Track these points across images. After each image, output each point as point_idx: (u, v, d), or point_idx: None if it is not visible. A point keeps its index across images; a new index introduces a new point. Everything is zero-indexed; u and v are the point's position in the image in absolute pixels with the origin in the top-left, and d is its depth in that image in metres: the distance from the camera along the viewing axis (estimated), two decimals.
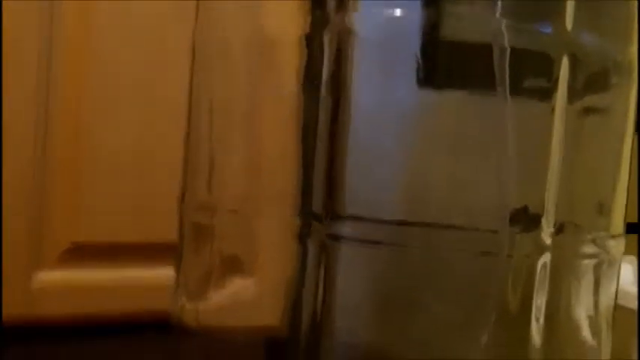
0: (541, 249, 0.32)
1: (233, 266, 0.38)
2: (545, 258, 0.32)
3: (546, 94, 0.33)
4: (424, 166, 0.34)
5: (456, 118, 0.34)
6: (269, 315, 0.36)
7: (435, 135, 0.34)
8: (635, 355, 0.61)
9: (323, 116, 0.33)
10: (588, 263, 0.37)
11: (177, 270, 0.37)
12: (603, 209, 0.38)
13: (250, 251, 0.37)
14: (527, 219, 0.32)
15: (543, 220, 0.32)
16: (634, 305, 0.59)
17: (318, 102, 0.33)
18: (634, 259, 0.68)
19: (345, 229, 0.32)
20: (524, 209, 0.32)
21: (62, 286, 0.49)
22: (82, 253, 0.50)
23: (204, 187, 0.35)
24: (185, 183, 0.36)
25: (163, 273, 0.37)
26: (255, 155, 0.36)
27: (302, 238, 0.32)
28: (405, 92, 0.34)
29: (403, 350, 0.36)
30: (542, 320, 0.32)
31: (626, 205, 0.38)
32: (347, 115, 0.34)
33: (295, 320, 0.34)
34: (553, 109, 0.33)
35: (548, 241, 0.32)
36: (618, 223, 0.38)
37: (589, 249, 0.37)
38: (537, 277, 0.32)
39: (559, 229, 0.33)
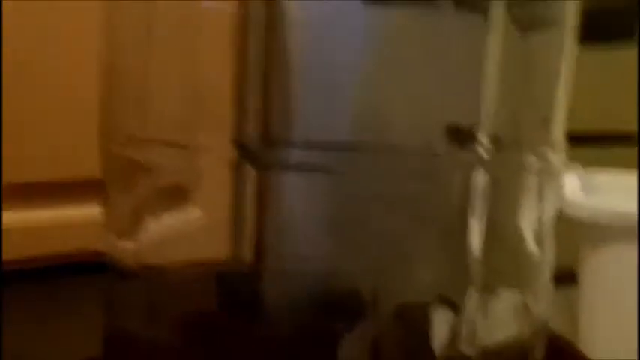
0: (478, 164, 0.32)
1: (174, 198, 0.37)
2: (484, 174, 0.32)
3: (484, 5, 0.33)
4: (358, 88, 0.33)
5: (396, 34, 0.33)
6: (219, 247, 0.36)
7: (374, 53, 0.33)
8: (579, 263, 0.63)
9: (257, 35, 0.32)
10: (531, 177, 0.37)
11: (105, 207, 0.36)
12: (545, 122, 0.38)
13: (192, 182, 0.37)
14: (464, 136, 0.32)
15: (480, 136, 0.31)
16: (580, 215, 0.60)
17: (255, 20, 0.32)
18: (581, 169, 0.69)
19: (282, 156, 0.32)
20: (461, 126, 0.32)
21: None
22: (11, 194, 0.48)
23: (132, 119, 0.34)
24: (106, 116, 0.35)
25: (97, 211, 0.36)
26: (191, 82, 0.34)
27: (240, 166, 0.32)
28: (346, 7, 0.33)
29: (349, 275, 0.36)
30: (482, 236, 0.32)
31: (568, 117, 0.39)
32: (281, 34, 0.33)
33: (241, 251, 0.34)
34: (490, 20, 0.32)
35: (485, 156, 0.32)
36: (559, 135, 0.38)
37: (531, 162, 0.37)
38: (475, 192, 0.32)
39: (497, 143, 0.33)
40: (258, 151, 0.31)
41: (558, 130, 0.38)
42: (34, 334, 0.53)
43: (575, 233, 0.63)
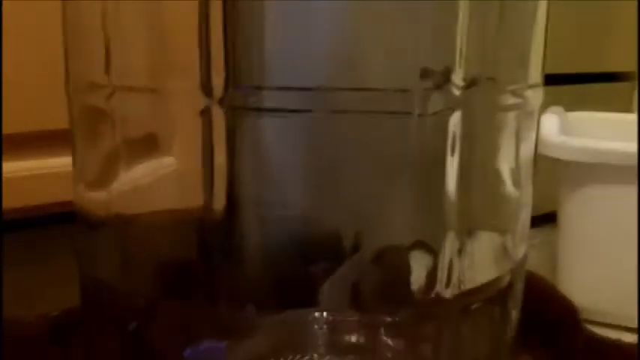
0: (453, 104, 0.31)
1: (144, 148, 0.37)
2: (458, 113, 0.31)
3: None
4: (331, 29, 0.32)
5: None
6: (192, 195, 0.35)
7: None
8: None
9: None
10: (508, 115, 0.37)
11: (74, 158, 0.35)
12: (522, 60, 0.37)
13: (162, 130, 0.36)
14: (437, 76, 0.31)
15: (454, 76, 0.31)
16: (559, 155, 0.60)
17: None
18: (561, 109, 0.69)
19: (251, 98, 0.31)
20: (435, 66, 0.31)
21: None
22: None
23: (97, 67, 0.33)
24: (68, 65, 0.34)
25: (67, 162, 0.36)
26: (156, 27, 0.33)
27: (209, 110, 0.31)
28: None
29: (328, 220, 0.36)
30: (456, 175, 0.32)
31: (544, 56, 0.38)
32: None
33: (214, 199, 0.33)
34: None
35: (459, 96, 0.31)
36: (536, 73, 0.38)
37: (508, 100, 0.36)
38: (450, 133, 0.31)
39: (472, 83, 0.32)
40: (226, 94, 0.30)
41: (535, 69, 0.37)
42: (11, 285, 0.53)
43: (553, 174, 0.63)
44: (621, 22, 0.98)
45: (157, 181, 0.36)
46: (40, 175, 0.50)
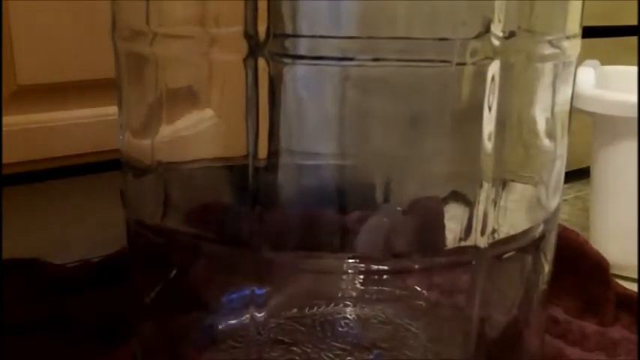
0: (492, 54, 0.31)
1: (186, 99, 0.37)
2: (497, 63, 0.31)
3: None
4: None
5: None
6: (231, 145, 0.36)
7: None
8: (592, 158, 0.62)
9: None
10: (545, 65, 0.36)
11: (119, 106, 0.36)
12: (561, 10, 0.37)
13: (202, 80, 0.36)
14: (477, 25, 0.31)
15: (493, 26, 0.31)
16: (593, 109, 0.60)
17: None
18: (597, 62, 0.68)
19: (290, 46, 0.31)
20: (474, 16, 0.31)
21: (11, 132, 0.48)
22: (28, 96, 0.48)
23: (139, 11, 0.33)
24: (114, 14, 0.34)
25: (113, 110, 0.36)
26: None
27: (251, 58, 0.31)
28: None
29: (361, 163, 0.36)
30: (493, 125, 0.32)
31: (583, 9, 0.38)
32: None
33: (253, 145, 0.34)
34: None
35: (499, 46, 0.31)
36: (574, 24, 0.37)
37: (546, 50, 0.36)
38: (489, 82, 0.31)
39: (511, 33, 0.32)
40: (268, 42, 0.30)
41: (574, 19, 0.37)
42: (59, 228, 0.55)
43: (587, 129, 0.62)
44: None
45: (198, 132, 0.37)
46: (79, 124, 0.51)
